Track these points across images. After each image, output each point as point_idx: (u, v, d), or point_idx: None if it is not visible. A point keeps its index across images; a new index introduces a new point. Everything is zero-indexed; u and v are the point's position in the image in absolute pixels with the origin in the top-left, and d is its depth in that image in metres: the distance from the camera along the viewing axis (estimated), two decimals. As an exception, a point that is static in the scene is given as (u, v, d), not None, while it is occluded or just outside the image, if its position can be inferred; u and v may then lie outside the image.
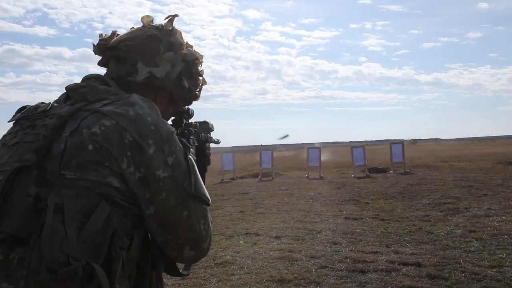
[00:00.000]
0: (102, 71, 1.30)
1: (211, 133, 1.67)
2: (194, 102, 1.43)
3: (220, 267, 5.16)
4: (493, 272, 4.49)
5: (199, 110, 1.54)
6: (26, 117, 1.12)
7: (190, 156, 1.14)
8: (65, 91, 1.20)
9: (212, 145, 1.71)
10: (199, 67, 1.36)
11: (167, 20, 1.31)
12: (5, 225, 0.96)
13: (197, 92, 1.39)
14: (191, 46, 1.35)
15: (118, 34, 1.30)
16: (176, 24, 1.32)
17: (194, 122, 1.59)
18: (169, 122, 1.43)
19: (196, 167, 1.15)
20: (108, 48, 1.27)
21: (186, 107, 1.47)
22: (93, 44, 1.30)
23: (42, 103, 1.18)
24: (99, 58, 1.31)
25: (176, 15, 1.32)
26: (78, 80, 1.22)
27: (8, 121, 1.17)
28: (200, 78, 1.38)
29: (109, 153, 1.03)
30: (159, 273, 1.20)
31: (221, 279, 4.72)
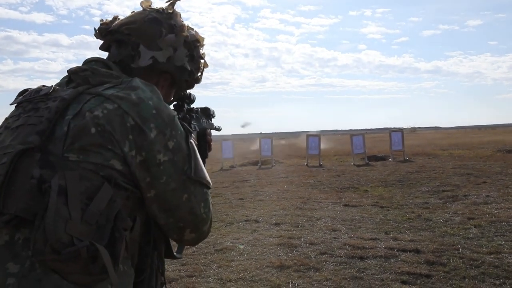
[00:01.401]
0: (102, 56, 1.30)
1: (212, 119, 1.67)
2: (195, 86, 1.43)
3: (220, 253, 5.20)
4: (491, 259, 4.53)
5: (198, 98, 1.55)
6: (29, 100, 1.13)
7: (191, 140, 1.15)
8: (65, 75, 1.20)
9: (212, 132, 1.71)
10: (201, 50, 1.37)
11: (168, 3, 1.31)
12: (10, 206, 0.97)
13: (199, 75, 1.39)
14: (192, 29, 1.35)
15: (119, 19, 1.30)
16: (175, 8, 1.32)
17: (196, 108, 1.59)
18: (171, 107, 1.43)
19: (197, 151, 1.16)
20: (110, 32, 1.27)
21: (187, 92, 1.48)
22: (95, 28, 1.30)
23: (44, 86, 1.18)
24: (97, 45, 1.32)
25: (177, 0, 1.31)
26: (76, 67, 1.22)
27: (10, 104, 1.17)
28: (202, 61, 1.38)
29: (111, 136, 1.04)
30: (160, 254, 1.22)
31: (221, 265, 4.76)
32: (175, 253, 1.32)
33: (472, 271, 4.22)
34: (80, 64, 1.22)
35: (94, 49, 1.32)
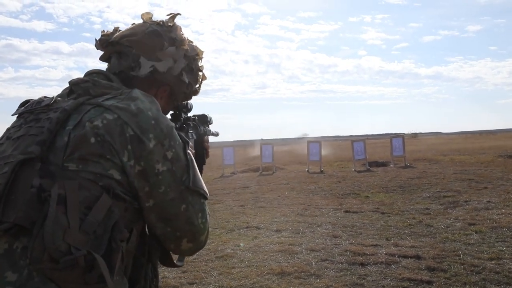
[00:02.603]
0: (102, 66, 1.32)
1: (209, 125, 1.69)
2: (193, 97, 1.45)
3: (221, 260, 5.19)
4: (492, 264, 4.52)
5: (199, 105, 1.57)
6: (30, 110, 1.15)
7: (189, 151, 1.17)
8: (66, 85, 1.22)
9: (213, 139, 1.73)
10: (199, 63, 1.39)
11: (169, 17, 1.33)
12: (9, 215, 0.98)
13: (197, 87, 1.41)
14: (192, 42, 1.37)
15: (120, 30, 1.32)
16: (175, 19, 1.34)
17: (193, 115, 1.61)
18: (168, 116, 1.45)
19: (194, 161, 1.18)
20: (110, 43, 1.29)
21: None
22: (95, 39, 1.32)
23: (45, 97, 1.20)
24: (98, 52, 1.34)
25: (178, 14, 1.34)
26: (77, 75, 1.24)
27: (12, 115, 1.19)
28: (200, 73, 1.41)
29: (110, 146, 1.05)
30: (154, 266, 1.23)
31: (222, 272, 4.75)
32: (176, 262, 1.33)
33: (473, 277, 4.21)
34: (81, 73, 1.24)
35: (94, 56, 1.34)
